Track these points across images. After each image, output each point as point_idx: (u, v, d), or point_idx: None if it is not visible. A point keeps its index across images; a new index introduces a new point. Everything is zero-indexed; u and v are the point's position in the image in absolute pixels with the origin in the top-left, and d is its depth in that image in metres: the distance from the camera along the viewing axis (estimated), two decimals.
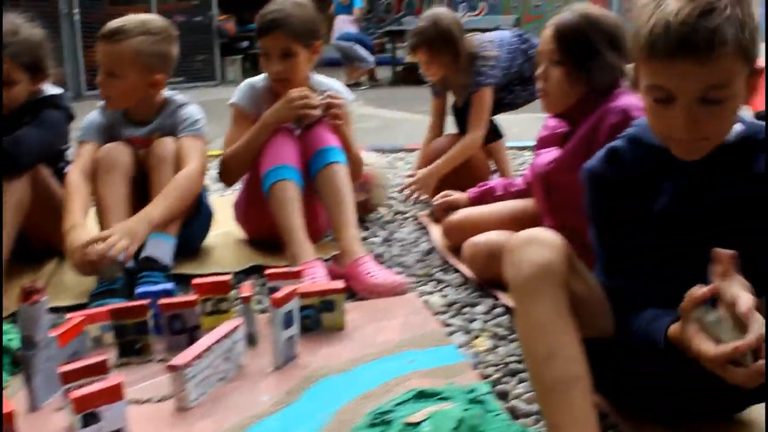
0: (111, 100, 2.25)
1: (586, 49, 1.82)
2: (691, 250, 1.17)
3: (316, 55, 2.39)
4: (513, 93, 3.10)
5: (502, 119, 3.25)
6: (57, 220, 2.38)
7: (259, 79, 2.45)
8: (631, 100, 1.80)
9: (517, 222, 2.19)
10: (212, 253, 2.41)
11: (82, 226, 2.02)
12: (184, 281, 2.10)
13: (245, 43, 12.10)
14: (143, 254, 2.05)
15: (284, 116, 2.24)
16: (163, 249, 2.08)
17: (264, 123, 2.25)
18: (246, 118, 2.37)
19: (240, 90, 2.43)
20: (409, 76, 9.35)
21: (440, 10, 3.02)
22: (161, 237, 2.09)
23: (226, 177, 2.39)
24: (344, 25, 10.19)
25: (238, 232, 2.58)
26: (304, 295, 1.70)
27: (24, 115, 2.26)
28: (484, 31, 3.23)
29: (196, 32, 10.59)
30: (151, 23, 2.25)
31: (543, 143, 2.10)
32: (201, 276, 1.96)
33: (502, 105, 3.13)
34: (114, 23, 2.19)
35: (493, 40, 3.07)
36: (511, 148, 4.29)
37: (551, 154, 1.99)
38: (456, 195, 2.49)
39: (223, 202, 2.84)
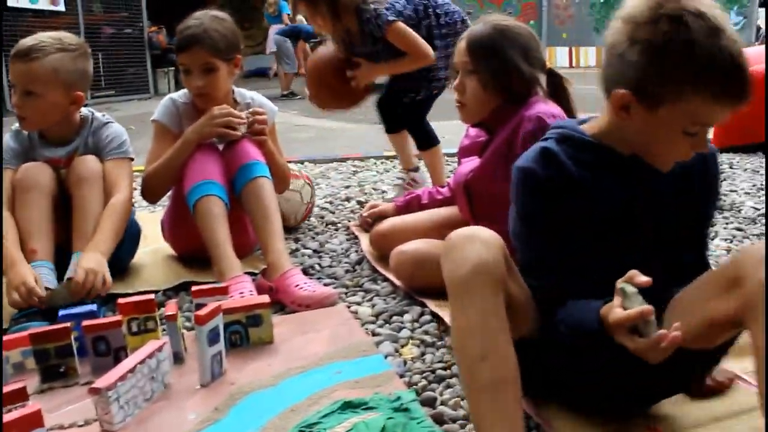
0: (28, 121, 2.18)
1: (499, 59, 1.88)
2: (635, 244, 1.27)
3: (237, 68, 2.38)
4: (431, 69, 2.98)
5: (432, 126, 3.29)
6: None
7: (180, 95, 2.43)
8: (544, 107, 1.86)
9: (443, 230, 2.21)
10: (141, 272, 2.38)
11: (21, 261, 1.97)
12: (112, 301, 2.07)
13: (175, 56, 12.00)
14: (68, 276, 2.02)
15: (206, 133, 2.23)
16: None
17: (186, 140, 2.23)
18: (168, 134, 2.35)
19: (162, 106, 2.40)
20: None
21: None
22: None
23: (149, 195, 2.36)
24: (273, 33, 10.27)
25: (167, 248, 2.55)
26: (230, 310, 1.70)
27: None
28: None
29: (126, 45, 10.43)
30: (67, 39, 2.20)
31: (465, 152, 2.16)
32: (129, 295, 1.95)
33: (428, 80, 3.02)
34: (28, 41, 2.14)
35: None
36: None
37: (472, 162, 2.05)
38: (382, 206, 2.52)
39: (152, 218, 2.81)
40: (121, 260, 2.34)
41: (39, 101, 2.14)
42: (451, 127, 3.34)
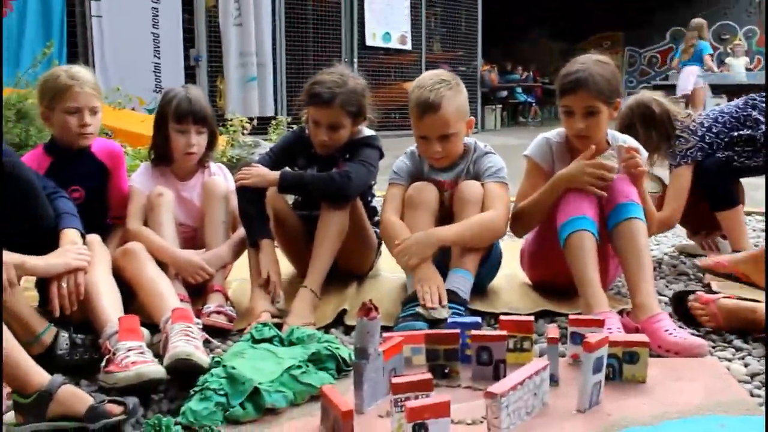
0: (446, 159, 2.44)
1: None
2: None
3: (616, 112, 2.42)
4: (742, 156, 2.96)
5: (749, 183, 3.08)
6: (363, 249, 2.66)
7: (554, 134, 2.52)
8: None
9: None
10: (500, 294, 2.54)
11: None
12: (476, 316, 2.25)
13: (504, 93, 12.46)
14: (445, 287, 2.22)
15: (575, 183, 2.25)
16: (462, 284, 2.25)
17: (556, 184, 2.30)
18: (540, 171, 2.47)
19: (535, 144, 2.52)
20: None
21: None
22: (462, 273, 2.27)
23: (519, 229, 2.50)
24: (690, 76, 9.92)
25: (522, 275, 2.68)
26: (611, 343, 1.74)
27: (344, 153, 2.56)
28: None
29: None
30: (445, 76, 2.42)
31: None
32: (494, 315, 2.12)
33: (731, 169, 2.99)
34: (423, 96, 2.33)
35: (715, 116, 3.03)
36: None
37: None
38: None
39: (506, 245, 2.95)
40: (482, 280, 2.51)
41: (454, 139, 2.39)
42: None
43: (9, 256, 1.93)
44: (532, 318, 1.91)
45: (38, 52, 6.00)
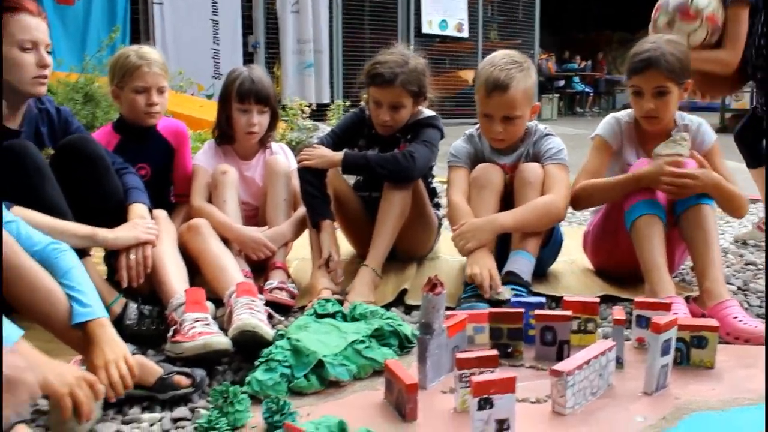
0: (508, 140, 2.42)
1: None
2: None
3: (686, 93, 2.37)
4: None
5: None
6: (423, 231, 2.66)
7: (623, 114, 2.49)
8: None
9: None
10: (560, 278, 2.51)
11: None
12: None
13: (561, 82, 12.28)
14: (506, 268, 2.22)
15: (653, 185, 2.19)
16: (524, 266, 2.23)
17: (634, 179, 2.23)
18: (607, 149, 2.44)
19: (606, 123, 2.49)
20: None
21: None
22: (523, 255, 2.25)
23: (578, 204, 2.44)
24: None
25: (583, 261, 2.64)
26: (679, 327, 1.71)
27: (405, 133, 2.56)
28: None
29: None
30: (516, 57, 2.39)
31: None
32: (555, 298, 2.09)
33: None
34: (494, 75, 2.31)
35: None
36: None
37: None
38: None
39: (566, 231, 2.92)
40: (542, 264, 2.49)
41: (518, 121, 2.37)
42: None
43: (81, 228, 1.99)
44: (597, 299, 1.89)
45: (104, 37, 6.16)
